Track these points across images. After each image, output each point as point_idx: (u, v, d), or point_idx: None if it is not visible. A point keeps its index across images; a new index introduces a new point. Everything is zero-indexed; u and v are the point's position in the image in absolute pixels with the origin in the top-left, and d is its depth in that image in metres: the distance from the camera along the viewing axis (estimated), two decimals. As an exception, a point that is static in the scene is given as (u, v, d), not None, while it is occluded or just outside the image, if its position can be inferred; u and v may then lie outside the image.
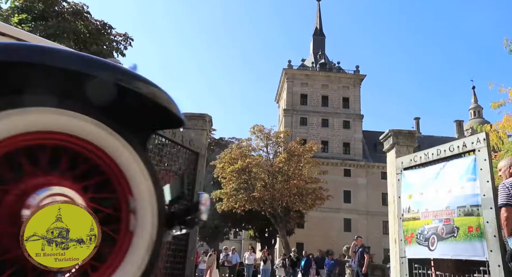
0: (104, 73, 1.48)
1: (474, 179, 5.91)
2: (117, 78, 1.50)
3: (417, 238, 6.72)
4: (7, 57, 1.35)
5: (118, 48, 17.77)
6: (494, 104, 12.14)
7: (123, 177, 1.56)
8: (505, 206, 4.52)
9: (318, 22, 67.11)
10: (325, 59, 62.28)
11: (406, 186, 7.36)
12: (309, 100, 58.39)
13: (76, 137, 1.49)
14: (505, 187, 4.58)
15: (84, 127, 1.49)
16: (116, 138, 1.55)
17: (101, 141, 1.53)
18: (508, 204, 4.50)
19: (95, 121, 1.51)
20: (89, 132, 1.50)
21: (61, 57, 1.45)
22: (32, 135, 1.41)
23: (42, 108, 1.41)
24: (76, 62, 1.46)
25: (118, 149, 1.56)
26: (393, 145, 9.32)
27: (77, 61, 1.46)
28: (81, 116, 1.48)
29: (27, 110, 1.38)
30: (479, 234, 5.70)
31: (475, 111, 69.16)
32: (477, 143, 6.07)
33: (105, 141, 1.53)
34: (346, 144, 56.79)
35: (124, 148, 1.57)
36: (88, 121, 1.49)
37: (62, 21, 15.74)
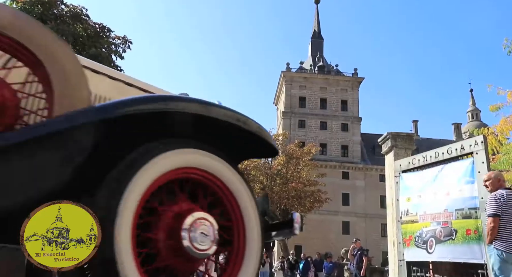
0: (221, 116, 1.86)
1: (472, 181, 5.93)
2: (234, 119, 1.90)
3: (416, 240, 6.73)
4: (164, 106, 1.72)
5: (117, 51, 17.78)
6: (492, 107, 12.16)
7: (235, 200, 1.98)
8: (493, 216, 4.64)
9: (316, 25, 67.24)
10: (324, 62, 62.36)
11: (404, 188, 7.37)
12: (307, 103, 58.42)
13: (206, 172, 1.89)
14: (496, 198, 4.70)
15: (211, 163, 1.89)
16: (230, 169, 1.96)
17: (222, 173, 1.92)
18: (496, 214, 4.62)
19: (217, 158, 1.91)
20: (213, 166, 1.89)
21: (193, 105, 1.82)
22: (181, 170, 1.81)
23: (187, 150, 1.81)
24: (202, 108, 1.84)
25: (231, 178, 1.96)
26: (392, 147, 9.34)
27: (202, 107, 1.85)
28: (208, 154, 1.88)
29: (181, 151, 1.79)
30: (477, 236, 5.71)
31: (473, 114, 69.28)
32: (475, 146, 6.09)
33: (223, 173, 1.93)
34: (344, 146, 56.79)
35: (234, 176, 1.98)
36: (213, 158, 1.89)
37: (61, 24, 15.75)
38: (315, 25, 67.34)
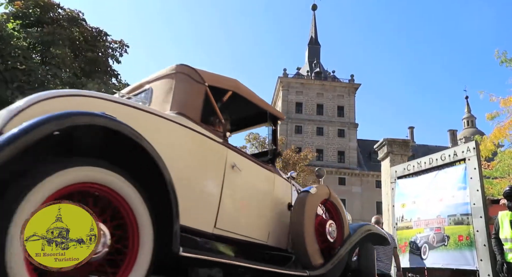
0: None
1: (465, 187, 5.94)
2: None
3: (410, 247, 6.73)
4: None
5: (114, 55, 17.76)
6: (489, 116, 12.27)
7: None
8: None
9: (313, 31, 67.43)
10: (320, 68, 62.48)
11: (399, 194, 7.39)
12: (304, 109, 58.45)
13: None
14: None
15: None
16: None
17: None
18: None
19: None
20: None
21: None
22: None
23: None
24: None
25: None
26: (388, 153, 9.38)
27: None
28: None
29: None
30: (469, 243, 5.71)
31: (468, 121, 69.46)
32: (467, 152, 6.11)
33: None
34: (341, 152, 56.79)
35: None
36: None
37: (58, 27, 15.70)
38: (312, 31, 67.53)
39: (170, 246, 2.11)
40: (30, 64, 13.72)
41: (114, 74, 17.80)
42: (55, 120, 1.72)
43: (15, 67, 13.30)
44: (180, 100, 2.88)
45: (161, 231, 2.10)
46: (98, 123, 1.86)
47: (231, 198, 3.03)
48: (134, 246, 1.98)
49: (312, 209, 3.55)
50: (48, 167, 1.72)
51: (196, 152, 2.80)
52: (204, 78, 3.02)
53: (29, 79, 13.29)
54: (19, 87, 12.81)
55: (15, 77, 13.13)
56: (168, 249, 2.11)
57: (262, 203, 3.42)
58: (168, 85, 3.00)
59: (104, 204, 1.96)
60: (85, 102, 2.16)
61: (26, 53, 14.14)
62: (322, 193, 3.76)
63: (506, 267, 5.13)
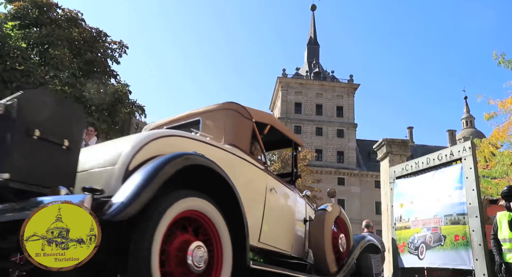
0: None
1: (461, 187, 5.96)
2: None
3: (408, 247, 6.74)
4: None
5: (113, 56, 17.70)
6: (487, 116, 12.28)
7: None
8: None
9: (312, 31, 67.44)
10: (319, 68, 62.49)
11: (397, 194, 7.40)
12: (303, 109, 58.45)
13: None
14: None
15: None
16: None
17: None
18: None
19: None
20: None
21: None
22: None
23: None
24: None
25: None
26: (387, 153, 9.40)
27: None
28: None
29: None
30: (465, 242, 5.73)
31: (467, 121, 69.45)
32: (463, 151, 6.12)
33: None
34: (340, 152, 56.79)
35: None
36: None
37: (56, 28, 15.65)
38: (311, 32, 67.55)
39: (244, 260, 2.54)
40: (29, 64, 13.70)
41: (113, 75, 17.75)
42: (180, 159, 2.25)
43: (14, 68, 13.29)
44: (232, 133, 3.38)
45: (236, 247, 2.51)
46: (200, 163, 2.35)
47: (270, 216, 3.53)
48: (219, 261, 2.40)
49: (329, 224, 4.17)
50: (172, 195, 2.14)
51: (248, 178, 3.31)
52: (251, 114, 3.55)
53: (28, 80, 13.27)
54: (18, 88, 12.80)
55: (14, 78, 13.12)
56: (242, 262, 2.54)
57: (288, 218, 3.98)
58: (218, 120, 3.49)
59: (199, 227, 2.37)
60: (175, 141, 2.67)
61: (25, 53, 14.12)
62: (335, 211, 4.37)
63: (504, 267, 5.15)
